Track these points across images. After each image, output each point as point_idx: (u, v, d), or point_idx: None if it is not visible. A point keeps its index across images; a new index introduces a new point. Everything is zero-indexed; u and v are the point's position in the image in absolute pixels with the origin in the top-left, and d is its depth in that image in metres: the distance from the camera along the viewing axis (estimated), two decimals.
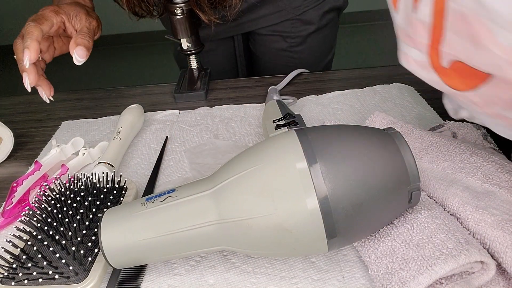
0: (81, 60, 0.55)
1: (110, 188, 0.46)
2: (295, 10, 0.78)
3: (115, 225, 0.36)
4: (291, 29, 0.80)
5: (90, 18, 0.60)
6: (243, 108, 0.63)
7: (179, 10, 0.63)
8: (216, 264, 0.39)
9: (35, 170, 0.50)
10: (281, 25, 0.80)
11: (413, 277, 0.31)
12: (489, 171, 0.38)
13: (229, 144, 0.56)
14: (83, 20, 0.59)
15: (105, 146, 0.56)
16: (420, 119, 0.56)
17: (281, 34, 0.80)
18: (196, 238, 0.35)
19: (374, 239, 0.36)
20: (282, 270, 0.38)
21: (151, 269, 0.40)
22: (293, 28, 0.80)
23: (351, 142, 0.33)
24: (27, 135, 0.64)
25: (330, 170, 0.32)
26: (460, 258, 0.31)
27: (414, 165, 0.33)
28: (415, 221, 0.35)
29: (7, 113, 0.69)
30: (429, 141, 0.43)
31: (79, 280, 0.38)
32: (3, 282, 0.38)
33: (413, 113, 0.58)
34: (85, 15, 0.60)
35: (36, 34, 0.53)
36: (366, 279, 0.36)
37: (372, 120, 0.48)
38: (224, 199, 0.34)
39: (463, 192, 0.37)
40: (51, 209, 0.43)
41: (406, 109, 0.59)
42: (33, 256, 0.40)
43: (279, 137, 0.35)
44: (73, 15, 0.59)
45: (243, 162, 0.35)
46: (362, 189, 0.32)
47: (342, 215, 0.31)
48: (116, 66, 2.89)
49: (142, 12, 0.66)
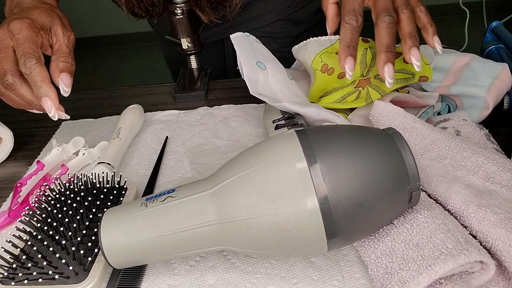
0: (68, 90, 0.46)
1: (110, 188, 0.46)
2: (284, 11, 0.78)
3: (115, 225, 0.36)
4: (281, 29, 0.80)
5: (67, 31, 0.49)
6: (243, 108, 0.63)
7: (179, 10, 0.63)
8: (216, 264, 0.39)
9: (38, 170, 0.50)
10: (271, 26, 0.79)
11: (412, 277, 0.31)
12: (490, 170, 0.38)
13: (229, 144, 0.56)
14: (59, 34, 0.48)
15: (105, 146, 0.56)
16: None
17: (271, 35, 0.80)
18: (196, 238, 0.35)
19: (374, 239, 0.36)
20: (282, 270, 0.38)
21: (151, 269, 0.40)
22: (283, 29, 0.80)
23: (351, 142, 0.33)
24: (27, 135, 0.64)
25: (330, 170, 0.32)
26: (460, 258, 0.31)
27: (414, 165, 0.33)
28: (414, 221, 0.35)
29: (7, 113, 0.69)
30: (430, 138, 0.43)
31: (79, 280, 0.38)
32: (3, 282, 0.38)
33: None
34: (61, 27, 0.49)
35: (46, 75, 0.44)
36: (366, 279, 0.36)
37: (376, 110, 0.47)
38: (224, 199, 0.34)
39: (465, 190, 0.37)
40: (51, 209, 0.43)
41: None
42: (33, 256, 0.40)
43: (279, 137, 0.35)
44: (48, 29, 0.48)
45: (243, 162, 0.35)
46: (362, 189, 0.32)
47: (342, 215, 0.31)
48: (116, 66, 2.89)
49: (141, 13, 0.66)
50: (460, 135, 0.46)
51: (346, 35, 0.44)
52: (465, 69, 0.52)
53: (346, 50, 0.44)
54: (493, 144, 0.45)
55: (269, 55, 0.55)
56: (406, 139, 0.43)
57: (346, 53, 0.44)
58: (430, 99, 0.51)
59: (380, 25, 0.44)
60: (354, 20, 0.44)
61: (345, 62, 0.44)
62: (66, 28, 0.50)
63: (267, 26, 0.79)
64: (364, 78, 0.49)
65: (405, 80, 0.48)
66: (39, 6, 0.50)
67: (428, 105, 0.51)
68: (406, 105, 0.51)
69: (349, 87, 0.50)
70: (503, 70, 0.51)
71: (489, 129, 0.48)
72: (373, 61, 0.50)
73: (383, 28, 0.44)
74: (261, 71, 0.52)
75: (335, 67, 0.52)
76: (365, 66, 0.50)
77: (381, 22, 0.44)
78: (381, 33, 0.44)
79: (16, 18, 0.46)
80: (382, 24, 0.44)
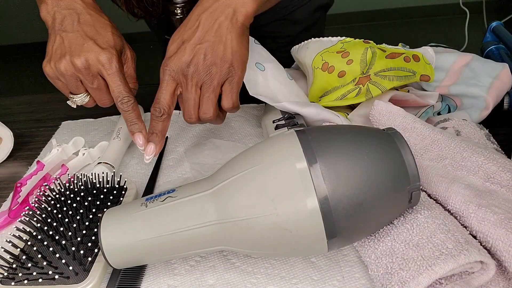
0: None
1: (110, 188, 0.46)
2: (283, 10, 0.78)
3: (115, 225, 0.36)
4: (280, 29, 0.80)
5: (131, 50, 0.50)
6: (243, 108, 0.63)
7: (179, 10, 0.63)
8: (216, 264, 0.39)
9: (38, 170, 0.50)
10: (269, 26, 0.79)
11: (412, 277, 0.31)
12: (490, 170, 0.38)
13: (229, 144, 0.56)
14: (129, 58, 0.50)
15: (105, 146, 0.56)
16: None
17: (270, 34, 0.80)
18: (196, 238, 0.35)
19: (374, 239, 0.36)
20: (282, 270, 0.38)
21: (151, 269, 0.40)
22: (282, 28, 0.80)
23: (351, 142, 0.33)
24: (27, 135, 0.64)
25: (330, 170, 0.32)
26: (460, 258, 0.31)
27: (414, 165, 0.33)
28: (415, 221, 0.35)
29: (7, 113, 0.69)
30: (430, 138, 0.43)
31: (79, 280, 0.37)
32: (3, 282, 0.38)
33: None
34: (128, 48, 0.50)
35: (139, 114, 0.47)
36: (366, 279, 0.36)
37: (376, 110, 0.47)
38: (224, 199, 0.34)
39: (465, 190, 0.37)
40: (51, 209, 0.43)
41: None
42: (33, 256, 0.40)
43: (279, 137, 0.35)
44: (122, 53, 0.49)
45: (243, 162, 0.35)
46: (362, 189, 0.32)
47: (342, 215, 0.31)
48: None
49: (141, 13, 0.66)
50: (460, 135, 0.46)
51: (150, 123, 0.45)
52: (465, 69, 0.52)
53: (149, 136, 0.45)
54: (493, 144, 0.45)
55: (268, 56, 0.55)
56: (406, 139, 0.43)
57: (149, 138, 0.45)
58: (430, 98, 0.51)
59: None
60: (157, 111, 0.44)
61: (146, 147, 0.45)
62: (129, 47, 0.51)
63: (265, 26, 0.79)
64: (364, 75, 0.50)
65: (405, 78, 0.48)
66: (101, 21, 0.48)
67: (428, 104, 0.51)
68: (406, 105, 0.51)
69: (349, 85, 0.50)
70: (503, 70, 0.51)
71: (489, 129, 0.48)
72: (373, 59, 0.50)
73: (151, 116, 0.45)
74: (260, 72, 0.52)
75: (335, 66, 0.52)
76: (365, 65, 0.50)
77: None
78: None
79: (103, 49, 0.45)
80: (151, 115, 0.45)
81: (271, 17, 0.79)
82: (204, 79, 0.43)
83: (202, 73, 0.43)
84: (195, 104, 0.44)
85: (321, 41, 0.56)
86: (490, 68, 0.51)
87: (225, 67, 0.43)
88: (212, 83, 0.43)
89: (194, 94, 0.44)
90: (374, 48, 0.51)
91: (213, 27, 0.43)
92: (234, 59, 0.43)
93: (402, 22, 2.72)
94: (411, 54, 0.50)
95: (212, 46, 0.42)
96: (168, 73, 0.44)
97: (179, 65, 0.43)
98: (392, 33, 2.63)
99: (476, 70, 0.52)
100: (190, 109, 0.45)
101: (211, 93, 0.44)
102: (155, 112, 0.44)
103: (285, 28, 0.80)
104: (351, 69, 0.51)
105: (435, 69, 0.51)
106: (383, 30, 2.69)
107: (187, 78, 0.43)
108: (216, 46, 0.42)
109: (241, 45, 0.44)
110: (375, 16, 2.77)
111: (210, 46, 0.42)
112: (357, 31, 2.70)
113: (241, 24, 0.44)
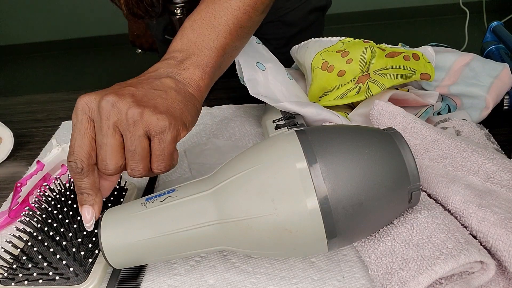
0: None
1: None
2: (277, 12, 0.77)
3: (115, 225, 0.36)
4: (274, 31, 0.80)
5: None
6: (243, 108, 0.63)
7: (179, 10, 0.63)
8: (216, 264, 0.39)
9: (38, 170, 0.50)
10: (264, 28, 0.79)
11: (412, 277, 0.31)
12: (490, 170, 0.38)
13: (229, 144, 0.56)
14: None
15: None
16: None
17: (264, 36, 0.80)
18: (196, 238, 0.35)
19: (374, 239, 0.36)
20: (282, 270, 0.38)
21: (151, 269, 0.40)
22: (276, 30, 0.80)
23: (351, 142, 0.33)
24: (27, 135, 0.64)
25: (330, 170, 0.32)
26: (460, 258, 0.31)
27: (414, 165, 0.33)
28: (415, 221, 0.35)
29: (7, 113, 0.69)
30: (430, 138, 0.43)
31: (80, 281, 0.37)
32: (2, 282, 0.38)
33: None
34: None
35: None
36: (366, 279, 0.36)
37: (376, 110, 0.47)
38: (224, 199, 0.34)
39: (465, 190, 0.37)
40: (51, 210, 0.43)
41: None
42: (33, 256, 0.40)
43: (279, 137, 0.35)
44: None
45: (243, 162, 0.35)
46: (362, 189, 0.32)
47: (342, 215, 0.31)
48: (116, 66, 2.89)
49: (141, 13, 0.66)
50: (460, 135, 0.46)
51: (75, 182, 0.37)
52: (465, 69, 0.52)
53: (78, 197, 0.38)
54: (493, 144, 0.45)
55: (269, 55, 0.55)
56: (406, 139, 0.43)
57: (79, 200, 0.38)
58: (430, 98, 0.51)
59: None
60: (72, 165, 0.36)
61: (81, 211, 0.38)
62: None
63: (259, 27, 0.79)
64: (363, 74, 0.50)
65: (405, 76, 0.48)
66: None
67: (428, 104, 0.51)
68: (406, 104, 0.51)
69: (349, 84, 0.50)
70: (503, 70, 0.51)
71: (489, 129, 0.48)
72: (373, 58, 0.50)
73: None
74: (261, 71, 0.52)
75: (335, 65, 0.52)
76: (364, 64, 0.50)
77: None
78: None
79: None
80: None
81: (265, 19, 0.79)
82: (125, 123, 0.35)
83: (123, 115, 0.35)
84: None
85: (321, 41, 0.56)
86: (490, 68, 0.51)
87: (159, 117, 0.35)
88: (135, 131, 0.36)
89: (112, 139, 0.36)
90: (373, 47, 0.51)
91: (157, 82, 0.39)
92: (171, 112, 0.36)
93: (402, 22, 2.72)
94: (410, 53, 0.50)
95: (149, 90, 0.37)
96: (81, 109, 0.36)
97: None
98: (392, 33, 2.63)
99: (476, 70, 0.52)
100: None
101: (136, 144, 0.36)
102: (69, 165, 0.36)
103: (279, 30, 0.80)
104: (350, 68, 0.51)
105: (435, 68, 0.52)
106: (383, 30, 2.69)
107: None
108: (154, 91, 0.37)
109: (183, 105, 0.38)
110: (375, 16, 2.77)
111: (147, 89, 0.37)
112: (357, 31, 2.70)
113: (190, 93, 0.39)
